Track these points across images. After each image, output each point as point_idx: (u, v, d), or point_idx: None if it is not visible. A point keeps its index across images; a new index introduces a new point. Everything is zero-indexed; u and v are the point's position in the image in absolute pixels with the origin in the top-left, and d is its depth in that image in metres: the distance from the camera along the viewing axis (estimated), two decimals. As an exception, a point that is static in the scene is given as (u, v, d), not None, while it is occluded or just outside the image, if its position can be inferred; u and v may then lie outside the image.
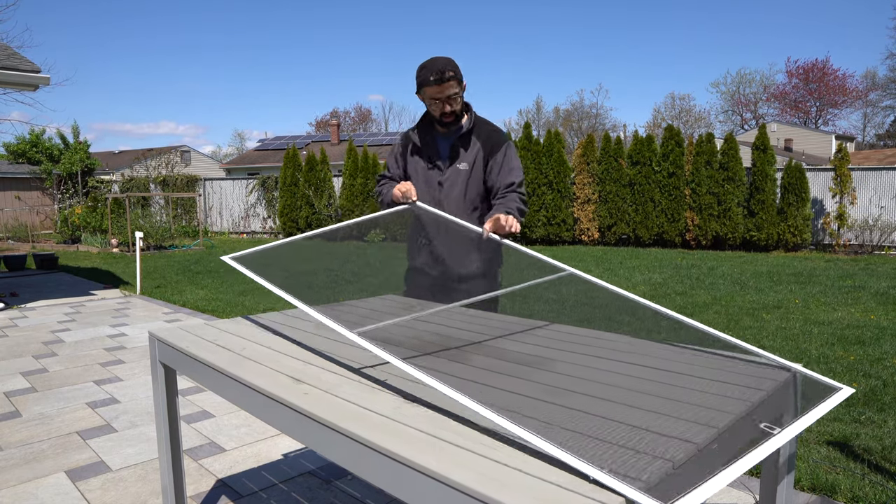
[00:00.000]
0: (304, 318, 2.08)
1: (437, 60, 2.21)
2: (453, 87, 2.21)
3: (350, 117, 55.35)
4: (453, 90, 2.22)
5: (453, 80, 2.20)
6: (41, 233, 18.80)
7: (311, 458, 2.81)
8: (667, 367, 1.43)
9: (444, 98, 2.22)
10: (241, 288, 8.07)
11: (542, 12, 79.57)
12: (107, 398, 3.68)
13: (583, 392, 1.26)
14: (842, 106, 44.02)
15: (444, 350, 1.63)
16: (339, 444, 1.12)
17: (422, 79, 2.21)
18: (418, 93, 2.28)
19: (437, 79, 2.18)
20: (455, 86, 2.22)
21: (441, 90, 2.20)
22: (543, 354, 1.57)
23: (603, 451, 0.96)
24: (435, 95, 2.22)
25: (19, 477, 2.65)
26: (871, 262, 10.30)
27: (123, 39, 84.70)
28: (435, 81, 2.19)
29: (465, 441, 1.03)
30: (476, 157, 2.33)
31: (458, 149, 2.34)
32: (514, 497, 0.83)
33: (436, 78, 2.18)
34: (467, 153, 2.34)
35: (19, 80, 7.06)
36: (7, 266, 10.31)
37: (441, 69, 2.17)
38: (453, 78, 2.19)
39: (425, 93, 2.24)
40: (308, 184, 16.83)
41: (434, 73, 2.18)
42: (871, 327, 5.35)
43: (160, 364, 1.85)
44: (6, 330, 5.67)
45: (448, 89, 2.20)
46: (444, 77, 2.17)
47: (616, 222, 13.77)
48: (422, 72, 2.21)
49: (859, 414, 3.26)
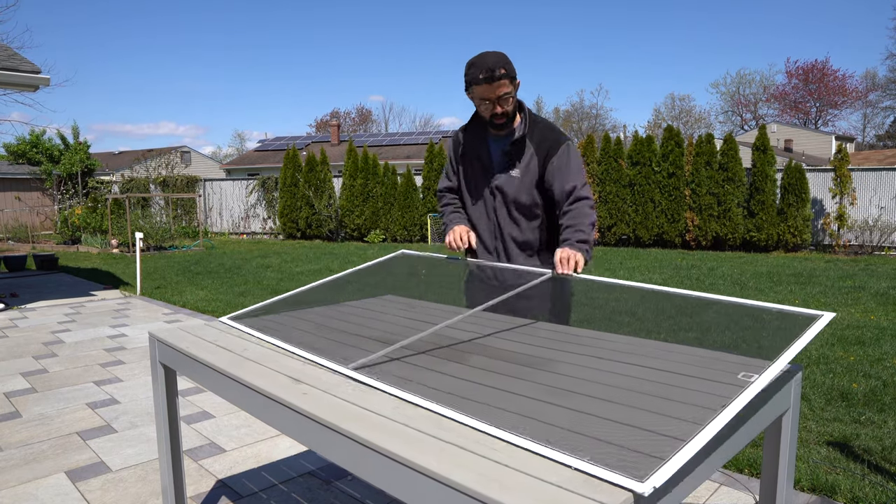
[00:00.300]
0: (304, 318, 2.08)
1: (488, 56, 2.02)
2: (505, 86, 2.03)
3: (350, 118, 55.38)
4: (505, 90, 2.03)
5: (505, 79, 2.02)
6: (41, 233, 18.80)
7: (311, 459, 2.81)
8: (653, 363, 1.43)
9: (494, 98, 2.04)
10: (241, 289, 8.08)
11: (542, 12, 79.61)
12: (107, 399, 3.68)
13: (580, 392, 1.26)
14: (842, 106, 44.03)
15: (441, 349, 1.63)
16: (339, 444, 1.12)
17: (470, 77, 2.03)
18: (467, 91, 2.10)
19: (486, 77, 2.00)
20: (507, 85, 2.03)
21: (491, 90, 2.02)
22: (546, 355, 1.57)
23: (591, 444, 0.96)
24: (485, 95, 2.04)
25: (19, 477, 2.65)
26: (870, 263, 10.31)
27: (123, 40, 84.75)
28: (485, 80, 2.01)
29: (465, 441, 1.03)
30: (530, 163, 2.14)
31: (511, 153, 2.16)
32: (514, 497, 0.83)
33: (486, 76, 2.00)
34: (522, 157, 2.15)
35: (19, 81, 7.07)
36: (7, 267, 10.31)
37: (491, 66, 1.99)
38: (505, 76, 2.01)
39: (474, 92, 2.06)
40: (308, 184, 16.83)
41: (484, 70, 1.99)
42: (871, 327, 5.35)
43: (160, 365, 1.85)
44: (6, 330, 5.67)
45: (499, 89, 2.03)
46: (494, 75, 1.99)
47: (616, 223, 13.77)
48: (470, 70, 2.03)
49: (859, 414, 3.26)
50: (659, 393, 1.25)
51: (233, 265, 10.83)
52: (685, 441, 0.99)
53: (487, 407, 1.18)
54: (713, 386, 1.29)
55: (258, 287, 8.19)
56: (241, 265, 10.83)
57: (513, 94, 2.07)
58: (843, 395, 3.58)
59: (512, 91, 2.06)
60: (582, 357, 1.54)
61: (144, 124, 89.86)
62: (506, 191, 2.18)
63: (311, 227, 17.07)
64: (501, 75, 2.00)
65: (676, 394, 1.24)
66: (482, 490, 0.86)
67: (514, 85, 2.07)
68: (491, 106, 2.07)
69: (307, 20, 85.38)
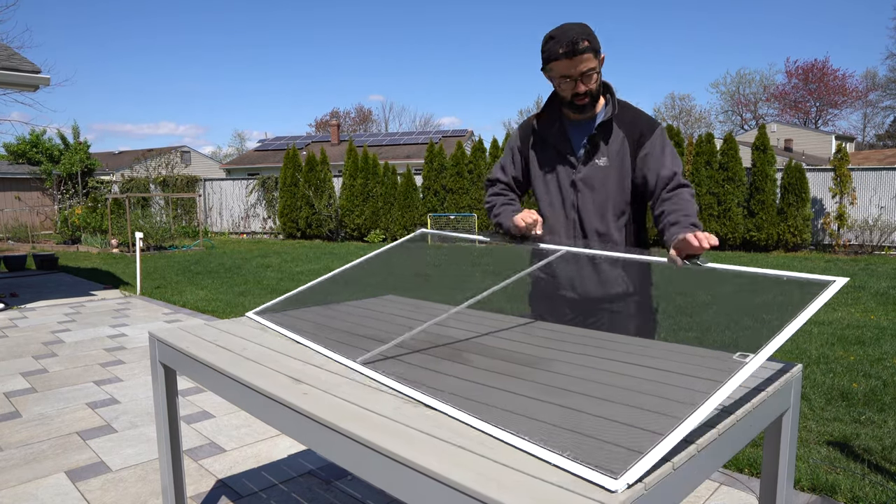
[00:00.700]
0: (303, 318, 2.08)
1: (569, 29, 1.80)
2: (589, 60, 1.80)
3: (350, 117, 55.38)
4: (589, 65, 1.81)
5: (588, 52, 1.79)
6: (41, 233, 18.80)
7: (311, 459, 2.81)
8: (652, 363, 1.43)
9: (577, 75, 1.82)
10: (241, 288, 8.08)
11: (542, 12, 79.60)
12: (107, 398, 3.68)
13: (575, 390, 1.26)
14: (842, 106, 44.03)
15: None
16: (339, 444, 1.12)
17: (548, 52, 1.82)
18: (544, 69, 1.88)
19: (567, 51, 1.78)
20: (591, 59, 1.81)
21: (573, 65, 1.80)
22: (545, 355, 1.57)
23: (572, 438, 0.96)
24: (565, 72, 1.82)
25: (19, 477, 2.65)
26: (871, 263, 10.30)
27: (123, 40, 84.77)
28: (565, 55, 1.78)
29: (465, 441, 1.03)
30: (621, 149, 1.91)
31: (597, 140, 1.91)
32: (513, 497, 0.83)
33: (566, 50, 1.78)
34: (609, 145, 1.91)
35: (19, 81, 7.06)
36: (7, 266, 10.31)
37: (573, 39, 1.77)
38: (588, 49, 1.78)
39: (553, 69, 1.84)
40: (308, 184, 16.83)
41: (564, 44, 1.77)
42: (871, 327, 5.35)
43: (160, 364, 1.85)
44: (6, 330, 5.67)
45: (582, 64, 1.80)
46: (576, 49, 1.77)
47: (616, 222, 13.77)
48: (548, 44, 1.82)
49: (859, 414, 3.26)
50: (657, 392, 1.25)
51: (233, 265, 10.83)
52: (681, 420, 0.99)
53: (487, 407, 1.18)
54: (707, 374, 1.29)
55: (258, 287, 8.19)
56: (241, 265, 10.83)
57: (597, 70, 1.85)
58: (843, 394, 3.58)
59: (596, 67, 1.84)
60: (582, 357, 1.54)
61: (144, 124, 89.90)
62: (592, 183, 1.93)
63: (311, 227, 17.07)
64: (584, 48, 1.77)
65: (671, 392, 1.24)
66: (481, 489, 0.86)
67: (599, 60, 1.84)
68: (572, 84, 1.84)
69: (307, 20, 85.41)
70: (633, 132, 1.90)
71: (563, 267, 2.00)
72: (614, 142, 1.91)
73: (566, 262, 1.99)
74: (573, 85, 1.84)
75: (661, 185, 1.86)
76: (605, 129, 1.91)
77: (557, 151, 1.97)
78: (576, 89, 1.84)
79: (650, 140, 1.89)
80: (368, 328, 1.92)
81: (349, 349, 1.66)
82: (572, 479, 0.88)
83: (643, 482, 0.86)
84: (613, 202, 1.94)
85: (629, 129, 1.90)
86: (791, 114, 44.70)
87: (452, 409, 1.17)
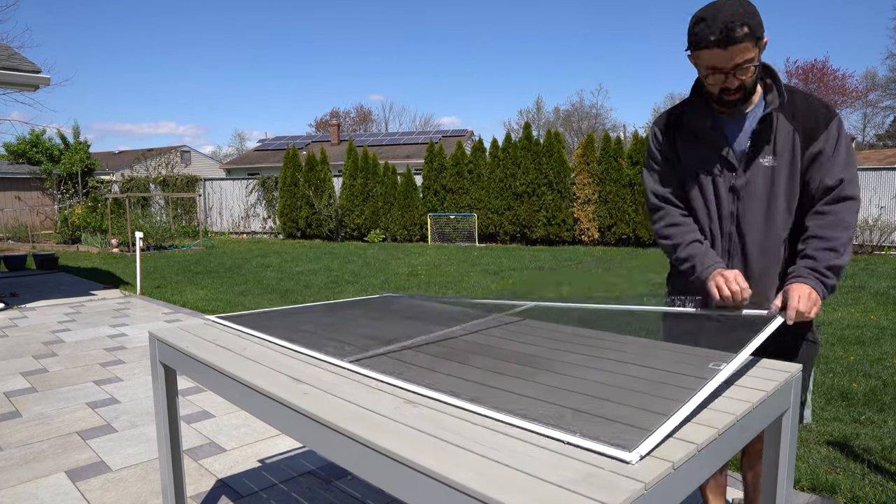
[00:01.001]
0: (303, 318, 2.08)
1: (724, 6, 1.47)
2: (747, 50, 1.48)
3: (350, 117, 55.39)
4: (747, 55, 1.48)
5: (747, 41, 1.46)
6: (41, 233, 18.80)
7: (311, 458, 2.81)
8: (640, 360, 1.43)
9: (730, 68, 1.50)
10: (241, 288, 8.08)
11: (542, 12, 79.64)
12: (107, 398, 3.68)
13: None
14: (841, 106, 44.00)
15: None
16: (339, 444, 1.12)
17: (698, 37, 1.51)
18: (694, 60, 1.58)
19: (720, 38, 1.47)
20: (750, 48, 1.48)
21: (727, 56, 1.49)
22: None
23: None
24: (715, 63, 1.51)
25: (19, 477, 2.65)
26: (871, 263, 10.30)
27: (123, 40, 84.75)
28: (717, 43, 1.47)
29: (465, 441, 1.03)
30: (793, 146, 1.58)
31: (761, 136, 1.59)
32: (514, 497, 0.83)
33: (719, 38, 1.46)
34: (776, 141, 1.58)
35: (20, 81, 7.06)
36: (7, 266, 10.31)
37: (729, 24, 1.45)
38: (748, 37, 1.46)
39: (701, 58, 1.53)
40: (308, 184, 16.84)
41: (717, 29, 1.46)
42: (871, 327, 5.35)
43: (160, 364, 1.85)
44: (6, 330, 5.67)
45: (738, 54, 1.48)
46: (732, 36, 1.45)
47: (616, 222, 13.77)
48: (698, 26, 1.50)
49: (859, 414, 3.26)
50: (651, 391, 1.25)
51: (233, 265, 10.83)
52: (651, 431, 0.99)
53: (487, 406, 1.18)
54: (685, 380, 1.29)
55: (258, 287, 8.19)
56: (241, 265, 10.83)
57: (756, 60, 1.51)
58: (843, 394, 3.58)
59: (755, 57, 1.50)
60: (582, 357, 1.54)
61: (144, 124, 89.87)
62: (755, 187, 1.61)
63: (311, 227, 17.08)
64: (743, 35, 1.45)
65: (664, 390, 1.24)
66: (481, 489, 0.86)
67: (760, 47, 1.50)
68: (723, 77, 1.52)
69: (307, 20, 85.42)
70: (805, 123, 1.57)
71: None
72: (782, 136, 1.58)
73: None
74: (724, 79, 1.53)
75: (821, 194, 1.57)
76: (769, 121, 1.59)
77: (712, 149, 1.65)
78: (726, 83, 1.53)
79: (823, 134, 1.56)
80: (367, 327, 1.92)
81: (346, 350, 1.66)
82: (573, 478, 0.88)
83: (644, 482, 0.86)
84: (781, 212, 1.61)
85: (801, 119, 1.58)
86: (791, 114, 44.63)
87: (452, 409, 1.17)
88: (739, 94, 1.55)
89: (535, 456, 0.96)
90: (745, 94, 1.56)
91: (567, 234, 14.21)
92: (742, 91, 1.55)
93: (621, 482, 0.86)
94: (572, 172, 14.18)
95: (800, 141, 1.58)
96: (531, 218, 14.29)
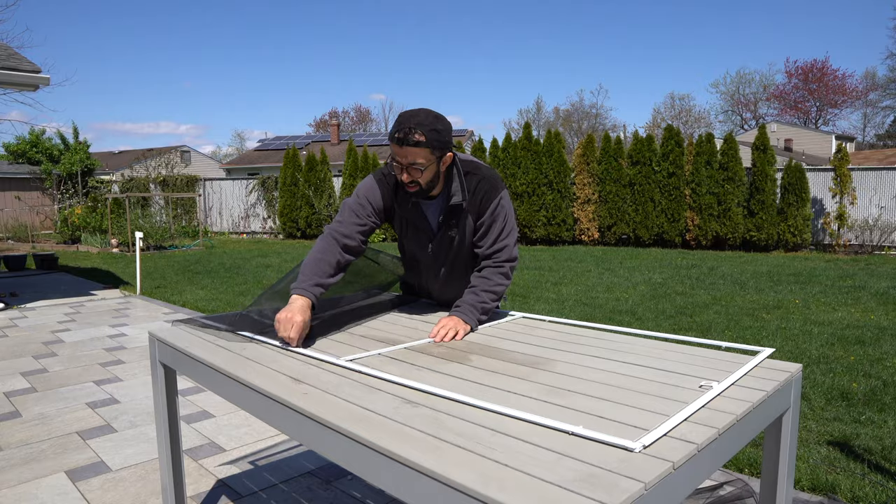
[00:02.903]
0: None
1: (414, 115, 1.75)
2: (419, 155, 1.74)
3: (350, 117, 55.39)
4: (418, 159, 1.75)
5: (422, 147, 1.73)
6: (41, 233, 18.80)
7: (311, 458, 2.81)
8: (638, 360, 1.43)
9: (405, 164, 1.77)
10: (241, 288, 8.08)
11: (542, 12, 79.63)
12: (107, 398, 3.68)
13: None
14: (841, 106, 44.03)
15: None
16: (339, 444, 1.12)
17: (391, 133, 1.76)
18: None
19: (398, 138, 1.73)
20: (421, 155, 1.74)
21: (403, 154, 1.75)
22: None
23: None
24: (395, 156, 1.78)
25: (19, 477, 2.65)
26: (871, 262, 10.31)
27: (123, 39, 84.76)
28: (396, 140, 1.74)
29: (465, 441, 1.03)
30: (466, 222, 1.97)
31: (447, 220, 1.96)
32: (514, 497, 0.83)
33: (398, 137, 1.73)
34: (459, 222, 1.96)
35: (20, 81, 7.06)
36: (7, 266, 10.31)
37: (410, 127, 1.72)
38: (423, 145, 1.73)
39: (390, 149, 1.80)
40: (308, 184, 16.84)
41: (400, 131, 1.73)
42: (871, 327, 5.35)
43: (160, 364, 1.85)
44: (6, 330, 5.67)
45: (411, 156, 1.75)
46: (409, 140, 1.72)
47: (616, 222, 13.77)
48: (394, 125, 1.77)
49: (859, 414, 3.26)
50: (653, 391, 1.25)
51: (233, 265, 10.83)
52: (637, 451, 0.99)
53: (488, 406, 1.18)
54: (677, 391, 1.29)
55: (258, 287, 8.19)
56: (241, 265, 10.83)
57: (427, 166, 1.77)
58: (843, 394, 3.58)
59: (427, 163, 1.77)
60: (582, 357, 1.54)
61: (144, 124, 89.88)
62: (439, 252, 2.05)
63: (312, 227, 17.08)
64: (416, 142, 1.72)
65: (666, 391, 1.24)
66: (482, 489, 0.86)
67: (435, 157, 1.78)
68: (400, 169, 1.79)
69: (307, 20, 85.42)
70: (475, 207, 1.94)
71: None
72: (464, 220, 1.96)
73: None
74: (402, 170, 1.79)
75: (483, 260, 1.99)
76: (455, 211, 1.93)
77: (414, 225, 2.01)
78: (401, 176, 1.80)
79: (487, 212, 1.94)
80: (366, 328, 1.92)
81: (346, 350, 1.66)
82: (573, 478, 0.88)
83: (643, 482, 0.86)
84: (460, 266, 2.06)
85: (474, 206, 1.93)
86: (791, 114, 44.70)
87: (453, 409, 1.17)
88: (415, 187, 1.83)
89: (535, 456, 0.96)
90: (421, 189, 1.84)
91: (567, 234, 14.21)
92: (417, 185, 1.82)
93: (621, 482, 0.86)
94: (572, 172, 14.17)
95: (472, 220, 1.96)
96: (531, 218, 14.29)
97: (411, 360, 1.53)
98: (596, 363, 1.48)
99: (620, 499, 0.82)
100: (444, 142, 1.78)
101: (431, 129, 1.74)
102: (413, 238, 2.07)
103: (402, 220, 2.04)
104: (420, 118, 1.74)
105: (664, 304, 6.57)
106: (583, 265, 10.20)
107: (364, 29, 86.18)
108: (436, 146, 1.76)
